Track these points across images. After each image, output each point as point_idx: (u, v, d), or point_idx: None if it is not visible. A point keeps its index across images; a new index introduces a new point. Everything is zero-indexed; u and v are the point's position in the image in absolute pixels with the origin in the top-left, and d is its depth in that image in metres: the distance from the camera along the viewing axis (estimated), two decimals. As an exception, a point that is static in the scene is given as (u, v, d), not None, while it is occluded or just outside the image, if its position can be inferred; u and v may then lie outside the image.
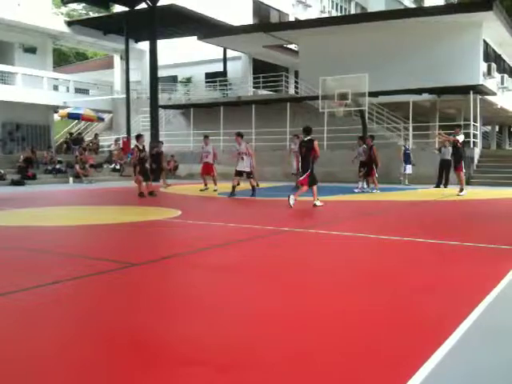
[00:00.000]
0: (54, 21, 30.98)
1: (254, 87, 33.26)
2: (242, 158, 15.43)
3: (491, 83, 25.08)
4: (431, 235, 7.57)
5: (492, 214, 11.08)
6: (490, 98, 24.62)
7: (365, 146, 17.03)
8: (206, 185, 17.69)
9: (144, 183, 14.90)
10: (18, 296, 4.30)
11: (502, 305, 4.14)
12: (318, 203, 11.67)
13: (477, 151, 22.36)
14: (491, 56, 26.21)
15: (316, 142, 11.81)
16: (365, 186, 17.07)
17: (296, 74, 31.81)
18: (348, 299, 4.27)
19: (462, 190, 15.31)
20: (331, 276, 5.18)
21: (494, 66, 25.47)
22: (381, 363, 2.94)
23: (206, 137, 18.20)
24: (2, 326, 3.62)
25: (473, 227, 8.96)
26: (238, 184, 15.62)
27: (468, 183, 20.63)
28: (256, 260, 6.03)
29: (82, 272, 5.18)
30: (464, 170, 15.95)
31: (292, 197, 11.31)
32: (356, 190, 16.69)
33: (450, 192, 16.51)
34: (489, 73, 25.06)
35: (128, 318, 3.79)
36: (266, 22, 33.44)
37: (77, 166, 23.62)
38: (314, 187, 11.79)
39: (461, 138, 15.74)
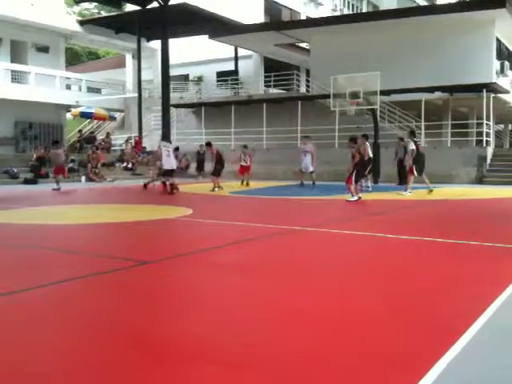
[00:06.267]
0: (67, 20, 31.12)
1: (265, 86, 33.22)
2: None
3: (504, 81, 24.87)
4: (444, 234, 7.54)
5: (505, 214, 11.01)
6: (503, 96, 24.41)
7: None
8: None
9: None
10: (32, 293, 4.34)
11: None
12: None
13: (489, 150, 22.19)
14: (504, 54, 25.99)
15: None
16: (368, 184, 17.08)
17: (307, 72, 31.74)
18: (358, 298, 4.27)
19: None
20: (342, 275, 5.18)
21: (507, 63, 25.24)
22: (391, 363, 2.94)
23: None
24: (17, 323, 3.66)
25: (485, 227, 8.90)
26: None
27: (481, 182, 20.55)
28: (267, 259, 6.04)
29: (93, 270, 5.23)
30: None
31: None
32: (367, 189, 16.69)
33: (444, 191, 16.40)
34: (502, 71, 24.84)
35: (140, 315, 3.81)
36: (277, 21, 33.37)
37: (89, 166, 23.73)
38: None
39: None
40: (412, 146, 15.44)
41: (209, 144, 18.59)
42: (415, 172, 15.32)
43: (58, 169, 18.13)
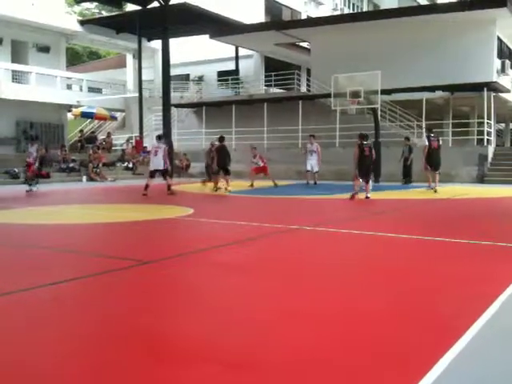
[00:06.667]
0: (68, 20, 31.12)
1: (265, 85, 33.21)
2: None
3: (505, 80, 24.85)
4: (446, 233, 7.53)
5: (506, 213, 10.99)
6: (503, 95, 24.40)
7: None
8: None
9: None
10: (31, 294, 4.34)
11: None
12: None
13: (490, 149, 22.17)
14: (505, 53, 25.96)
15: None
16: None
17: (308, 71, 31.72)
18: (358, 298, 4.26)
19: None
20: (343, 275, 5.17)
21: (508, 62, 25.22)
22: (391, 363, 2.93)
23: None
24: (16, 324, 3.65)
25: (487, 226, 8.88)
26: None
27: (482, 181, 20.53)
28: (267, 258, 6.03)
29: (93, 270, 5.22)
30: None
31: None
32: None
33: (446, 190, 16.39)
34: (503, 70, 24.82)
35: (140, 315, 3.81)
36: (278, 20, 33.37)
37: (90, 166, 23.74)
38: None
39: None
40: (425, 142, 15.65)
41: (221, 139, 16.47)
42: (428, 167, 15.60)
43: (28, 166, 17.20)
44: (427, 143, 15.45)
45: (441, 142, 15.88)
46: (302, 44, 32.02)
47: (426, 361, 2.88)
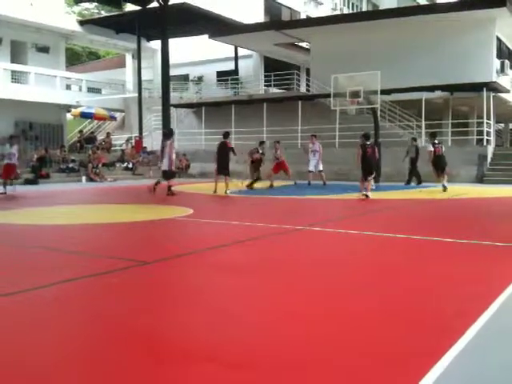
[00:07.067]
0: (67, 20, 31.14)
1: (265, 85, 33.23)
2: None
3: (504, 80, 24.87)
4: (446, 234, 7.53)
5: (506, 212, 10.99)
6: (503, 95, 24.41)
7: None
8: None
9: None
10: (32, 294, 4.34)
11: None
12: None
13: (490, 149, 22.17)
14: (504, 53, 25.98)
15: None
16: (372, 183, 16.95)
17: (307, 71, 31.73)
18: (358, 299, 4.26)
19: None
20: (344, 275, 5.17)
21: (507, 62, 25.23)
22: (391, 363, 2.93)
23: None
24: (18, 324, 3.65)
25: (486, 225, 8.88)
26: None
27: (481, 181, 20.53)
28: (268, 259, 6.02)
29: (93, 270, 5.21)
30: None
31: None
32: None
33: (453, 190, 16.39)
34: (502, 70, 24.84)
35: (140, 315, 3.81)
36: (277, 20, 33.38)
37: (89, 166, 23.74)
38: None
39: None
40: (429, 148, 15.94)
41: (225, 135, 15.98)
42: (435, 171, 15.87)
43: (8, 168, 15.84)
44: (432, 149, 15.70)
45: (444, 149, 16.12)
46: (301, 44, 32.05)
47: (426, 361, 2.88)
